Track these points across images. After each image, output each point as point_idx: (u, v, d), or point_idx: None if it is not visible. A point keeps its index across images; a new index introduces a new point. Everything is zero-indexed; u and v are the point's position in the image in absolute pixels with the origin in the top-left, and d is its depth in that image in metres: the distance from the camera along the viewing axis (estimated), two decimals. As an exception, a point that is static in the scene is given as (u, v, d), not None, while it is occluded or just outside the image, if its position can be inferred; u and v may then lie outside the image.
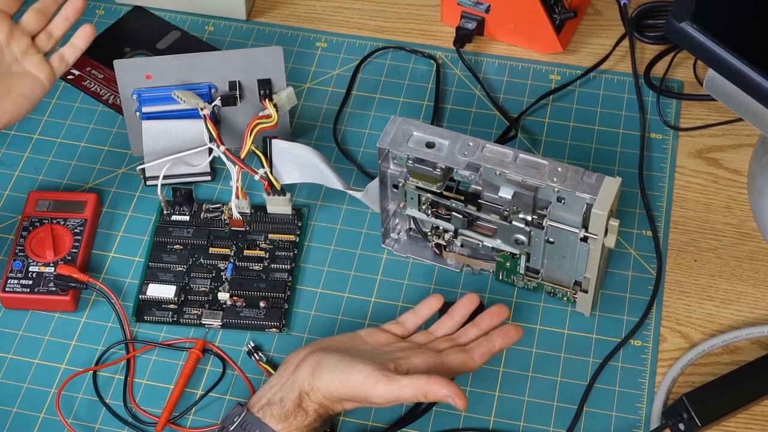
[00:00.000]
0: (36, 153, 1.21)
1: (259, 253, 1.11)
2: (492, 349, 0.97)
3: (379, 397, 0.90)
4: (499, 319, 1.00)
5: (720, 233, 1.13)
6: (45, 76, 1.07)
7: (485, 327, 1.00)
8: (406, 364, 0.93)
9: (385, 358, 0.94)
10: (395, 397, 0.90)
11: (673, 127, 1.21)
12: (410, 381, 0.90)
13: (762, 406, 1.02)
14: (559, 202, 0.99)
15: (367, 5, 1.34)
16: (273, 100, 1.13)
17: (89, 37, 1.11)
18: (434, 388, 0.89)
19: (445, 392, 0.89)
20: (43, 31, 1.09)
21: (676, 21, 1.01)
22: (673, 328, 1.07)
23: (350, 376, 0.91)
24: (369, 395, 0.90)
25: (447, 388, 0.89)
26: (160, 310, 1.08)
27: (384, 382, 0.90)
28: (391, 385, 0.90)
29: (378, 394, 0.90)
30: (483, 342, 0.98)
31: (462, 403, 0.89)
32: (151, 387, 1.04)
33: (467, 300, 1.03)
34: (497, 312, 1.01)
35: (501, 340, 0.98)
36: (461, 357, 0.96)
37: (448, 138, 1.01)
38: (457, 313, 1.02)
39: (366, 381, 0.90)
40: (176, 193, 1.14)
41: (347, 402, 0.92)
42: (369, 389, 0.90)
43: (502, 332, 0.98)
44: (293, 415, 0.91)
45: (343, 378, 0.91)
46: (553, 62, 1.28)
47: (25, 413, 1.03)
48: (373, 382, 0.90)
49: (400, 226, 1.13)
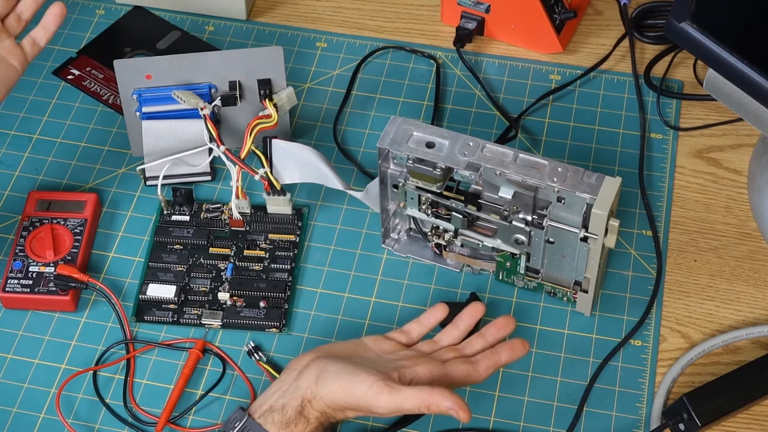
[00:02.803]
0: (36, 153, 1.21)
1: (259, 253, 1.11)
2: (498, 362, 0.97)
3: (382, 408, 0.89)
4: (506, 331, 0.99)
5: (720, 233, 1.13)
6: (17, 60, 1.06)
7: (491, 339, 0.99)
8: (410, 373, 0.92)
9: (389, 366, 0.93)
10: (398, 407, 0.89)
11: (673, 127, 1.21)
12: (413, 392, 0.89)
13: (762, 406, 1.02)
14: (559, 202, 0.99)
15: (367, 5, 1.35)
16: (273, 100, 1.14)
17: (59, 16, 1.08)
18: (437, 400, 0.89)
19: (449, 404, 0.88)
20: (12, 14, 1.07)
21: (676, 21, 1.01)
22: (673, 328, 1.07)
23: (354, 385, 0.90)
24: (372, 405, 0.90)
25: (450, 400, 0.88)
26: (160, 310, 1.08)
27: (387, 392, 0.89)
28: (395, 396, 0.89)
29: (381, 404, 0.89)
30: (489, 355, 0.97)
31: (465, 416, 0.88)
32: (151, 387, 1.04)
33: (473, 310, 1.02)
34: (504, 324, 1.00)
35: (507, 354, 0.97)
36: (466, 368, 0.95)
37: (448, 138, 1.01)
38: (462, 323, 1.01)
39: (369, 391, 0.89)
40: (176, 193, 1.14)
41: (349, 411, 0.92)
42: (372, 399, 0.89)
43: (509, 346, 0.97)
44: (294, 423, 0.91)
45: (346, 387, 0.90)
46: (553, 62, 1.28)
47: (25, 413, 1.03)
48: (377, 392, 0.89)
49: (400, 226, 1.13)
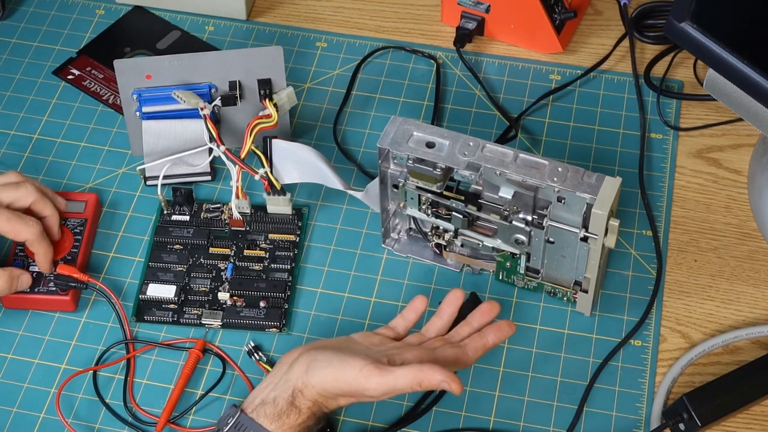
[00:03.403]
0: (36, 153, 1.21)
1: (259, 253, 1.11)
2: (486, 344, 0.97)
3: (374, 390, 0.90)
4: (490, 316, 1.00)
5: (720, 233, 1.13)
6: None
7: (477, 325, 0.99)
8: (399, 359, 0.93)
9: (379, 354, 0.94)
10: (390, 387, 0.90)
11: (673, 127, 1.21)
12: (404, 371, 0.90)
13: (762, 406, 1.02)
14: (559, 202, 0.99)
15: (367, 5, 1.34)
16: (273, 100, 1.14)
17: None
18: (428, 375, 0.89)
19: (440, 377, 0.89)
20: None
21: (676, 21, 1.01)
22: (673, 328, 1.07)
23: (344, 370, 0.91)
24: (363, 388, 0.90)
25: (441, 373, 0.89)
26: (160, 310, 1.08)
27: (378, 374, 0.90)
28: (385, 376, 0.90)
29: (372, 386, 0.90)
30: (476, 338, 0.97)
31: (457, 387, 0.89)
32: (151, 387, 1.04)
33: (452, 298, 1.01)
34: (488, 309, 1.00)
35: (494, 335, 0.97)
36: (454, 352, 0.96)
37: (448, 138, 1.01)
38: (445, 313, 1.01)
39: (360, 374, 0.90)
40: (176, 193, 1.14)
41: (342, 398, 0.92)
42: (363, 382, 0.90)
43: (495, 327, 0.98)
44: (286, 414, 0.91)
45: (337, 373, 0.91)
46: (553, 62, 1.28)
47: (25, 413, 1.03)
48: (367, 374, 0.90)
49: (400, 226, 1.13)
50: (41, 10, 1.34)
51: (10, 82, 1.27)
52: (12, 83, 1.27)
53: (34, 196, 1.07)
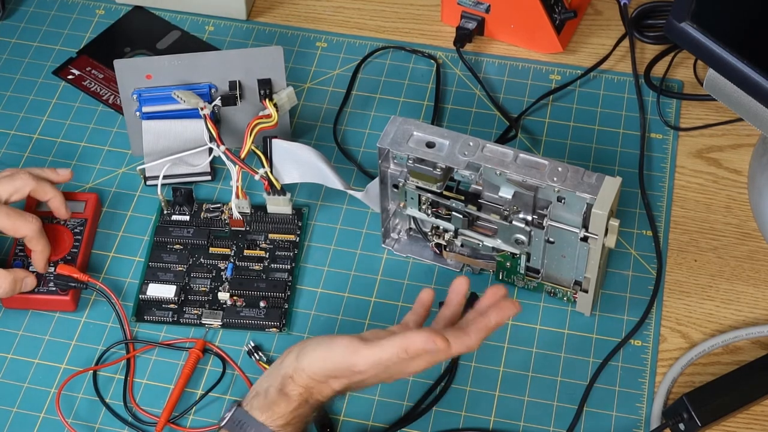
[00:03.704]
0: (36, 153, 1.21)
1: (259, 253, 1.11)
2: (488, 324, 0.93)
3: (363, 364, 0.90)
4: (496, 298, 0.95)
5: (720, 233, 1.13)
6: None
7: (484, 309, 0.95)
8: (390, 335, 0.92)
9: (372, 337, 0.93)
10: (377, 358, 0.89)
11: (673, 127, 1.21)
12: (389, 341, 0.89)
13: (762, 406, 1.02)
14: (559, 201, 0.99)
15: (367, 5, 1.34)
16: (273, 100, 1.14)
17: None
18: (412, 339, 0.88)
19: (423, 338, 0.88)
20: None
21: (676, 21, 1.01)
22: (673, 328, 1.07)
23: (332, 349, 0.90)
24: (352, 364, 0.90)
25: (423, 334, 0.88)
26: (160, 309, 1.08)
27: (364, 347, 0.90)
28: (372, 348, 0.89)
29: (360, 360, 0.89)
30: (478, 318, 0.93)
31: (442, 342, 0.87)
32: (151, 387, 1.04)
33: (456, 286, 0.98)
34: (494, 292, 0.96)
35: (496, 315, 0.93)
36: (455, 332, 0.92)
37: (448, 138, 1.01)
38: (452, 301, 0.98)
39: (346, 350, 0.90)
40: (176, 193, 1.14)
41: (333, 380, 0.92)
42: (350, 357, 0.90)
43: (498, 307, 0.94)
44: (276, 404, 0.91)
45: (325, 354, 0.91)
46: (553, 62, 1.28)
47: (25, 413, 1.03)
48: (354, 349, 0.90)
49: (400, 226, 1.13)
50: (41, 10, 1.34)
51: (10, 82, 1.27)
52: (12, 83, 1.27)
53: (31, 183, 1.07)
